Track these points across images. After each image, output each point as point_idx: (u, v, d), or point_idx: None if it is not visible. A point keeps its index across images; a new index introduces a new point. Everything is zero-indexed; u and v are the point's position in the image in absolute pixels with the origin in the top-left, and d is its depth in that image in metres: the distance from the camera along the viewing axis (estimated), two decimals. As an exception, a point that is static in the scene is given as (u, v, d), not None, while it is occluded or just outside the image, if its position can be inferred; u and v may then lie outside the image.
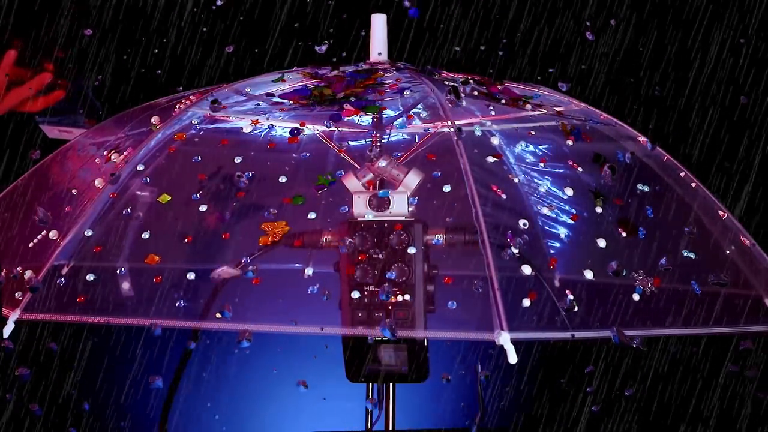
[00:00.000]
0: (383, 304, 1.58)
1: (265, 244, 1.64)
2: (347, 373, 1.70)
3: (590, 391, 2.64)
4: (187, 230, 1.72)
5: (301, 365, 2.61)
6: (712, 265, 1.67)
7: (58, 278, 1.67)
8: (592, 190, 1.64)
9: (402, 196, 1.62)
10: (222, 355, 2.70)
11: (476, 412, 1.85)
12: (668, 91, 2.64)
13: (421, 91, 1.73)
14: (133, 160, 1.72)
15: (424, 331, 1.62)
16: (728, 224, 1.76)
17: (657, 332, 1.70)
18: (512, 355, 1.34)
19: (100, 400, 2.68)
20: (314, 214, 1.63)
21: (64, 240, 1.65)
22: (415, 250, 1.58)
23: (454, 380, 2.73)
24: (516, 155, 1.86)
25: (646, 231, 1.62)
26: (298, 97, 1.71)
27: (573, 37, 2.62)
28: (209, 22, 2.63)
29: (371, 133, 1.79)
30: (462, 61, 2.62)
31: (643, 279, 1.59)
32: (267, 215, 1.64)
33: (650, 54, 2.64)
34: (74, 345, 2.63)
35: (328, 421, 2.67)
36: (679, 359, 2.61)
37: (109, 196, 1.69)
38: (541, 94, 1.81)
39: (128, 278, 1.72)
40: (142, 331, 1.51)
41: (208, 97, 1.74)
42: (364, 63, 1.82)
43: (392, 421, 1.81)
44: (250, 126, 1.79)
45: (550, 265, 1.77)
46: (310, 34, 2.60)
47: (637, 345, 1.48)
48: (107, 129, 1.88)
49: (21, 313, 1.63)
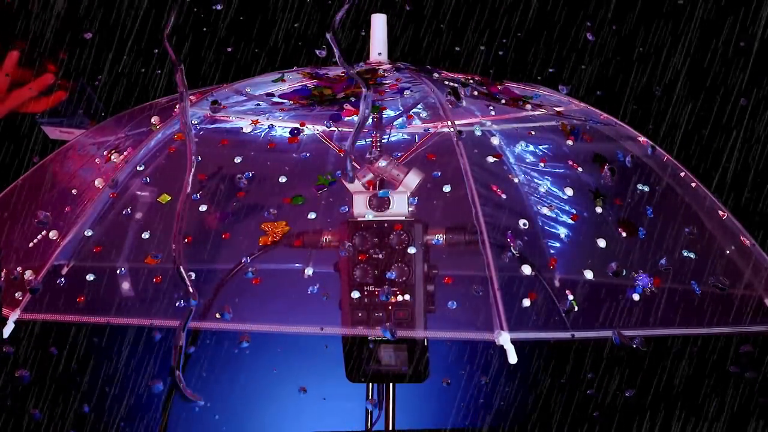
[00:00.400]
0: (383, 304, 1.58)
1: (265, 244, 1.64)
2: (347, 373, 1.69)
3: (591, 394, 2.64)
4: (187, 230, 1.72)
5: (301, 365, 2.62)
6: (712, 265, 1.67)
7: (58, 278, 1.67)
8: (593, 191, 1.64)
9: (402, 196, 1.62)
10: (222, 355, 2.70)
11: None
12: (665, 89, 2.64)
13: (421, 91, 1.73)
14: (133, 160, 1.72)
15: (424, 331, 1.62)
16: (728, 224, 1.76)
17: (657, 332, 1.70)
18: (512, 356, 1.34)
19: (99, 400, 2.68)
20: (314, 214, 1.63)
21: (64, 240, 1.65)
22: (415, 250, 1.58)
23: (453, 380, 2.74)
24: (516, 155, 1.86)
25: (646, 231, 1.62)
26: (298, 97, 1.71)
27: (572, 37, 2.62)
28: (210, 21, 2.63)
29: (371, 133, 1.79)
30: (461, 62, 2.62)
31: (644, 279, 1.59)
32: (267, 215, 1.64)
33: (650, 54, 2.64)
34: (73, 345, 2.63)
35: (328, 421, 2.68)
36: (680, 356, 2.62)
37: (109, 196, 1.69)
38: (541, 94, 1.81)
39: (128, 278, 1.72)
40: (142, 331, 1.51)
41: (208, 97, 1.74)
42: (364, 63, 1.82)
43: (392, 421, 1.81)
44: (250, 126, 1.79)
45: (550, 265, 1.77)
46: (310, 35, 2.60)
47: (637, 345, 1.48)
48: (107, 129, 1.88)
49: (21, 313, 1.63)
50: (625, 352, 2.63)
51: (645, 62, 2.62)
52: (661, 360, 2.63)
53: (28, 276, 1.62)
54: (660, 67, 2.62)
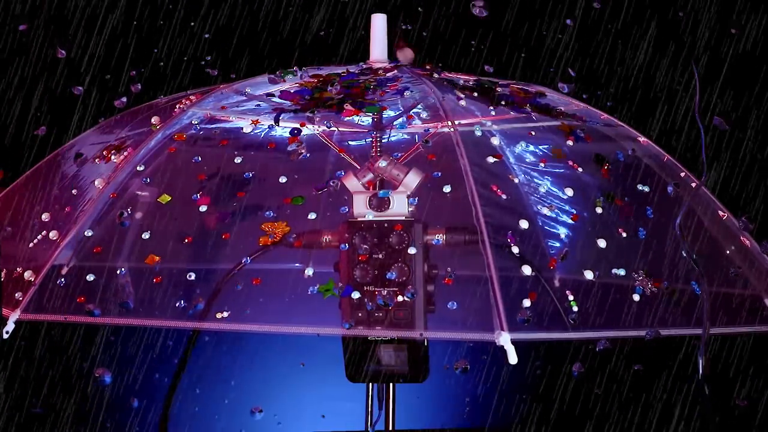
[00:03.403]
0: (383, 304, 1.58)
1: (265, 244, 1.64)
2: (347, 373, 1.69)
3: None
4: (187, 230, 1.72)
5: (301, 365, 2.62)
6: (712, 266, 1.67)
7: (58, 278, 1.67)
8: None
9: (402, 196, 1.62)
10: (222, 355, 2.70)
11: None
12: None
13: (421, 91, 1.73)
14: (133, 160, 1.72)
15: (424, 331, 1.61)
16: (728, 224, 1.76)
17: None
18: (512, 356, 1.34)
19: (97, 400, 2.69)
20: (314, 214, 1.63)
21: (64, 240, 1.65)
22: (415, 250, 1.58)
23: (453, 380, 2.74)
24: (516, 155, 1.86)
25: (646, 231, 1.63)
26: (298, 98, 1.71)
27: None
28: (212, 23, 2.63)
29: (371, 133, 1.79)
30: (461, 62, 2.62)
31: (643, 279, 1.59)
32: (267, 215, 1.64)
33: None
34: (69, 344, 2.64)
35: (328, 421, 2.68)
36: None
37: (110, 196, 1.69)
38: (547, 95, 1.81)
39: (128, 278, 1.72)
40: (139, 330, 1.51)
41: (208, 97, 1.74)
42: (364, 63, 1.82)
43: (392, 421, 1.81)
44: (250, 126, 1.79)
45: (550, 265, 1.76)
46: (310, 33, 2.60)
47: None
48: (107, 129, 1.88)
49: (21, 314, 1.63)
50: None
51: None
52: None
53: (28, 276, 1.62)
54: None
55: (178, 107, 1.77)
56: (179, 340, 2.51)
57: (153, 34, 2.62)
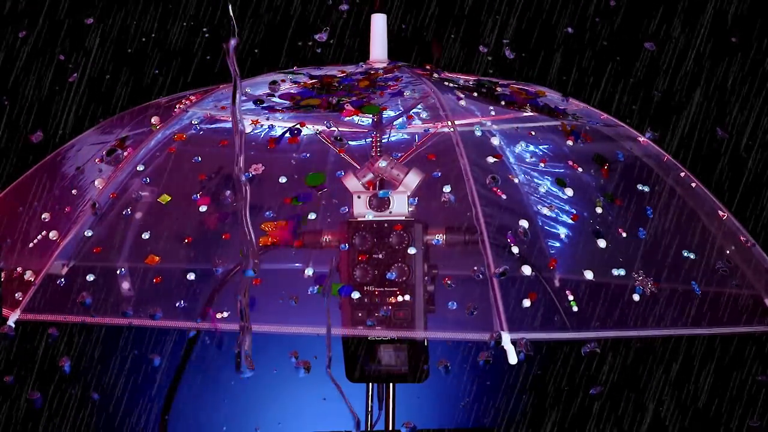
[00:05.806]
0: (383, 304, 1.58)
1: (265, 244, 1.64)
2: (347, 373, 1.69)
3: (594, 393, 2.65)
4: (187, 230, 1.72)
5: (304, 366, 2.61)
6: (712, 266, 1.67)
7: (58, 278, 1.67)
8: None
9: (402, 196, 1.62)
10: (222, 355, 2.69)
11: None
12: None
13: (421, 91, 1.73)
14: (133, 160, 1.72)
15: (424, 331, 1.61)
16: (728, 224, 1.76)
17: (657, 332, 1.70)
18: (512, 356, 1.34)
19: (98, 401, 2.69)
20: (314, 214, 1.63)
21: (64, 240, 1.65)
22: (415, 250, 1.58)
23: (453, 380, 2.74)
24: (516, 155, 1.86)
25: (646, 231, 1.63)
26: (298, 98, 1.71)
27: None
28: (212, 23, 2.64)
29: (371, 133, 1.79)
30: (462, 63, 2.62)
31: (643, 279, 1.59)
32: (267, 215, 1.64)
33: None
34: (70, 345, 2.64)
35: (328, 421, 2.67)
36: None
37: (110, 196, 1.69)
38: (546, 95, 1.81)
39: (128, 278, 1.72)
40: (139, 331, 1.51)
41: (208, 97, 1.74)
42: (364, 63, 1.82)
43: (392, 421, 1.81)
44: (250, 126, 1.79)
45: (550, 265, 1.76)
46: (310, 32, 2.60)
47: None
48: (107, 129, 1.88)
49: (21, 314, 1.63)
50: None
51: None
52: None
53: (28, 276, 1.62)
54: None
55: (178, 107, 1.77)
56: (179, 340, 2.51)
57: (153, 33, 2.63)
